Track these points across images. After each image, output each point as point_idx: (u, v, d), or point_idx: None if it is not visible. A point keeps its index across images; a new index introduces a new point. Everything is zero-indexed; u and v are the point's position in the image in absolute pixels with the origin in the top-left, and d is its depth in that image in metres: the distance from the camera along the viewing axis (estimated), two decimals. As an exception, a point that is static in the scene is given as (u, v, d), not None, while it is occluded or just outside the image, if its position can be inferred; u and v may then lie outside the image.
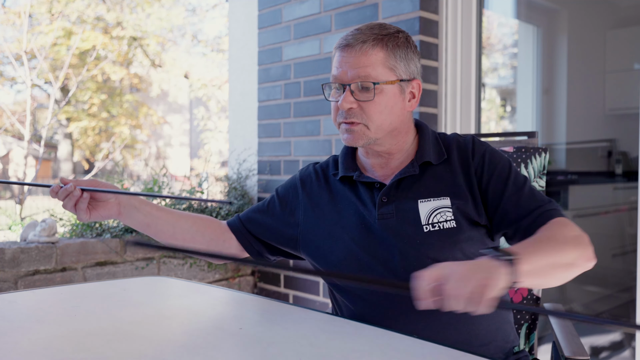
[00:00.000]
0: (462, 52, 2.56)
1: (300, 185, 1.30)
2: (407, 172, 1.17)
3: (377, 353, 0.87)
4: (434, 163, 1.18)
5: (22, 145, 11.30)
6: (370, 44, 1.12)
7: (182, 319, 1.08)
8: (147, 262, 2.79)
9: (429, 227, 1.12)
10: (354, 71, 1.12)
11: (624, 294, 3.38)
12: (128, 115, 13.02)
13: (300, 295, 3.00)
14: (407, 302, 1.12)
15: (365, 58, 1.12)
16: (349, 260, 1.17)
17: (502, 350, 1.18)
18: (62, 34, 10.96)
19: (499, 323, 1.18)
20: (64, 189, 1.15)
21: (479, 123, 2.60)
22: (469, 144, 1.20)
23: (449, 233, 1.12)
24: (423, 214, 1.14)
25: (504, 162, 1.17)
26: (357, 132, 1.14)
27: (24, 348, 0.87)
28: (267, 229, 1.30)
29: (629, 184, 3.73)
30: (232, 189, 3.20)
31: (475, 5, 2.54)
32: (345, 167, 1.24)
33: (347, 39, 1.14)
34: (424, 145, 1.20)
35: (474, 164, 1.17)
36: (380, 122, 1.14)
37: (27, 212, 4.14)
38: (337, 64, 1.15)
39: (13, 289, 2.37)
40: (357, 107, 1.13)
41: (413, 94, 1.19)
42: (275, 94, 3.12)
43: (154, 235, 1.27)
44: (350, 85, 1.12)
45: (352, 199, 1.21)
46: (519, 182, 1.15)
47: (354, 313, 1.20)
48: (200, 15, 14.40)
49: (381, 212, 1.16)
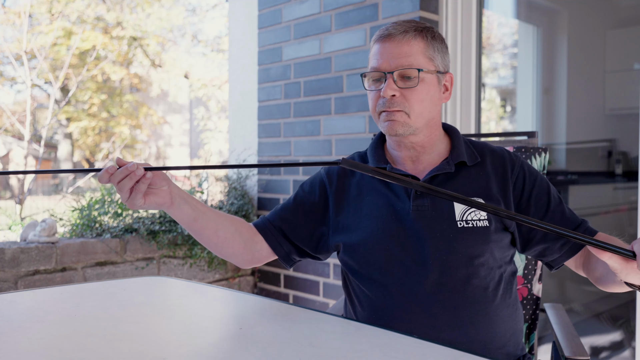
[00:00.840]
0: (462, 52, 2.56)
1: (327, 181, 1.29)
2: (443, 169, 1.18)
3: (377, 353, 0.87)
4: (469, 164, 1.20)
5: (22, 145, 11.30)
6: (412, 34, 1.16)
7: (182, 319, 1.08)
8: (147, 262, 2.79)
9: (463, 223, 1.14)
10: (397, 60, 1.14)
11: (624, 294, 3.37)
12: (128, 115, 13.02)
13: (300, 295, 3.00)
14: (431, 297, 1.12)
15: (407, 47, 1.15)
16: (377, 251, 1.18)
17: (513, 355, 1.19)
18: (62, 34, 10.96)
19: (514, 329, 1.19)
20: (125, 167, 1.03)
21: (479, 123, 2.60)
22: (505, 153, 1.23)
23: (481, 231, 1.13)
24: (458, 210, 1.15)
25: (541, 176, 1.22)
26: (398, 120, 1.15)
27: (24, 348, 0.87)
28: (297, 226, 1.27)
29: (629, 184, 3.72)
30: (232, 189, 3.20)
31: (475, 5, 2.54)
32: (376, 160, 1.25)
33: (388, 30, 1.17)
34: (458, 145, 1.22)
35: (514, 174, 1.20)
36: (420, 110, 1.16)
37: (27, 212, 4.14)
38: (378, 55, 1.16)
39: (13, 289, 2.37)
40: (400, 96, 1.15)
41: (446, 86, 1.22)
42: (275, 94, 3.12)
43: (198, 230, 1.21)
44: (393, 73, 1.14)
45: (384, 190, 1.21)
46: (558, 198, 1.20)
47: (372, 303, 1.19)
48: (200, 15, 14.40)
49: (416, 204, 1.17)
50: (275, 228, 1.28)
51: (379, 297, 1.18)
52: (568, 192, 3.55)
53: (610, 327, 3.22)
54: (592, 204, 3.71)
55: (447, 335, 1.10)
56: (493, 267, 1.14)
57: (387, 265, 1.16)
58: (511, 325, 1.17)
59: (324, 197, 1.28)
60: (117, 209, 2.79)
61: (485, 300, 1.13)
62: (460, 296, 1.12)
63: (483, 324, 1.12)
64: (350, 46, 2.71)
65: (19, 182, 5.53)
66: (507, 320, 1.16)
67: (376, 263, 1.18)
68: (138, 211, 2.85)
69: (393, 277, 1.16)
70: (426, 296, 1.12)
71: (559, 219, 1.16)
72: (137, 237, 2.75)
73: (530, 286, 1.46)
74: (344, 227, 1.23)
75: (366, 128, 2.65)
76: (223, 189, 3.25)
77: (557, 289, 3.51)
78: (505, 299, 1.16)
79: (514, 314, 1.18)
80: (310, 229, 1.27)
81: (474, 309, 1.12)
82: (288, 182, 3.05)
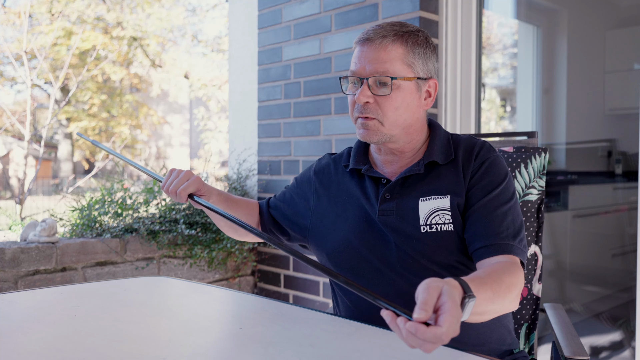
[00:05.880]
0: (462, 52, 2.56)
1: (314, 175, 1.33)
2: (412, 170, 1.17)
3: (377, 353, 0.87)
4: (441, 163, 1.18)
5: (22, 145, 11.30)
6: (391, 39, 1.13)
7: (182, 319, 1.08)
8: (147, 262, 2.79)
9: (427, 227, 1.13)
10: (373, 66, 1.12)
11: (623, 294, 3.37)
12: (128, 116, 13.02)
13: (300, 295, 3.00)
14: (402, 298, 1.13)
15: (384, 53, 1.12)
16: (346, 251, 1.19)
17: (496, 352, 1.19)
18: (62, 34, 10.97)
19: (495, 326, 1.18)
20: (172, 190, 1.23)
21: (479, 123, 2.60)
22: (477, 147, 1.19)
23: (445, 236, 1.12)
24: (422, 214, 1.14)
25: (498, 177, 1.15)
26: (371, 128, 1.14)
27: (24, 348, 0.87)
28: (285, 216, 1.35)
29: (629, 184, 3.72)
30: (232, 189, 3.20)
31: (475, 5, 2.54)
32: (356, 160, 1.25)
33: (368, 34, 1.15)
34: (433, 145, 1.20)
35: (472, 166, 1.16)
36: (395, 118, 1.14)
37: (27, 212, 4.14)
38: (356, 58, 1.15)
39: (13, 289, 2.37)
40: (374, 102, 1.13)
41: (429, 92, 1.19)
42: (275, 94, 3.12)
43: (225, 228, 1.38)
44: (368, 79, 1.13)
45: (357, 192, 1.22)
46: (500, 201, 1.12)
47: (349, 307, 1.21)
48: (200, 15, 14.40)
49: (382, 208, 1.17)
50: (270, 213, 1.40)
51: (353, 299, 1.20)
52: (568, 192, 3.55)
53: (610, 327, 3.22)
54: (592, 204, 3.71)
55: None
56: (462, 268, 1.13)
57: (358, 267, 1.17)
58: (490, 321, 1.16)
59: (310, 191, 1.33)
60: (117, 209, 2.79)
61: None
62: None
63: None
64: (350, 46, 2.71)
65: (19, 182, 5.53)
66: None
67: (348, 265, 1.19)
68: (138, 211, 2.85)
69: (364, 279, 1.17)
70: (397, 298, 1.12)
71: (483, 215, 1.10)
72: (137, 237, 2.75)
73: (530, 286, 1.46)
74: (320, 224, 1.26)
75: (366, 128, 2.65)
76: (223, 188, 3.25)
77: (557, 289, 3.51)
78: None
79: None
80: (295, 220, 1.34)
81: None
82: (288, 182, 3.05)
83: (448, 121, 2.57)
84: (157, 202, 2.91)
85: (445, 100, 2.57)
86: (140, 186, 3.16)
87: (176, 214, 2.89)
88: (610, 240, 3.61)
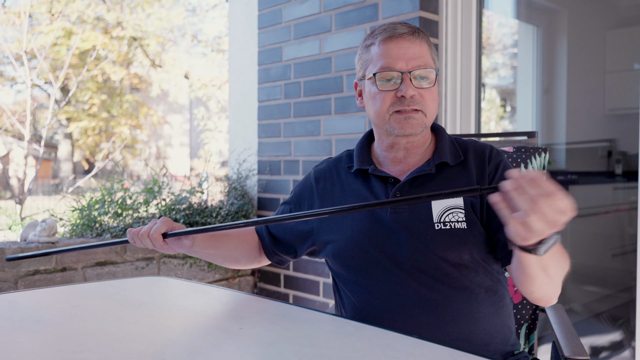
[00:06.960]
0: (462, 52, 2.56)
1: (314, 181, 1.32)
2: (423, 170, 1.18)
3: (377, 353, 0.87)
4: (451, 164, 1.19)
5: (22, 145, 11.30)
6: (420, 35, 1.17)
7: (182, 319, 1.08)
8: (147, 262, 2.79)
9: (440, 225, 1.14)
10: (414, 60, 1.14)
11: (623, 294, 3.37)
12: (128, 116, 13.02)
13: (300, 295, 3.00)
14: (412, 297, 1.13)
15: (420, 48, 1.16)
16: (356, 252, 1.19)
17: (501, 352, 1.19)
18: (62, 34, 10.97)
19: (499, 326, 1.19)
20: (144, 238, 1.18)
21: (479, 123, 2.60)
22: (487, 150, 1.22)
23: (459, 233, 1.13)
24: (435, 211, 1.15)
25: None
26: (418, 120, 1.16)
27: (24, 348, 0.87)
28: (286, 229, 1.33)
29: (629, 184, 3.72)
30: (232, 189, 3.20)
31: (475, 5, 2.54)
32: (360, 161, 1.25)
33: (397, 30, 1.16)
34: (441, 146, 1.22)
35: (488, 169, 1.19)
36: (434, 109, 1.19)
37: (27, 212, 4.14)
38: (388, 55, 1.15)
39: (13, 289, 2.37)
40: (418, 95, 1.16)
41: None
42: (275, 94, 3.12)
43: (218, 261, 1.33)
44: (411, 72, 1.14)
45: (365, 192, 1.22)
46: None
47: (356, 306, 1.21)
48: (200, 15, 14.41)
49: (394, 206, 1.17)
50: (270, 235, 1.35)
51: (361, 299, 1.20)
52: (568, 192, 3.54)
53: (610, 327, 3.22)
54: (592, 204, 3.71)
55: (430, 335, 1.10)
56: (473, 267, 1.14)
57: (367, 267, 1.18)
58: (496, 322, 1.17)
59: (312, 197, 1.31)
60: (117, 209, 2.79)
61: (466, 300, 1.13)
62: (440, 296, 1.12)
63: (464, 322, 1.13)
64: (350, 46, 2.71)
65: (19, 182, 5.53)
66: (491, 317, 1.16)
67: (356, 265, 1.19)
68: (138, 211, 2.85)
69: (373, 279, 1.17)
70: (406, 297, 1.13)
71: None
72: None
73: (530, 286, 1.46)
74: (327, 228, 1.25)
75: (366, 128, 2.65)
76: (223, 189, 3.25)
77: (557, 289, 3.50)
78: (489, 296, 1.16)
79: (500, 311, 1.18)
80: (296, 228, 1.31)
81: (454, 308, 1.12)
82: (288, 182, 3.05)
83: (448, 121, 2.57)
84: (157, 202, 2.91)
85: (445, 100, 2.57)
86: (140, 186, 3.16)
87: (176, 214, 2.89)
88: (610, 240, 3.61)
